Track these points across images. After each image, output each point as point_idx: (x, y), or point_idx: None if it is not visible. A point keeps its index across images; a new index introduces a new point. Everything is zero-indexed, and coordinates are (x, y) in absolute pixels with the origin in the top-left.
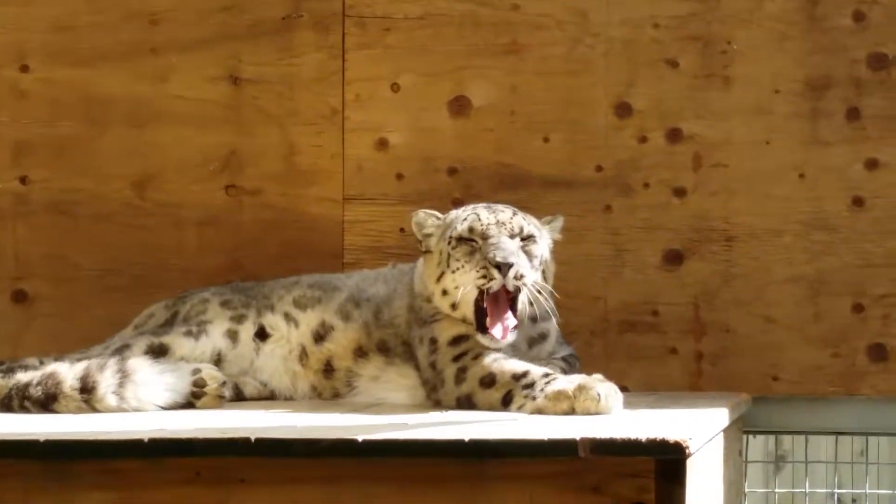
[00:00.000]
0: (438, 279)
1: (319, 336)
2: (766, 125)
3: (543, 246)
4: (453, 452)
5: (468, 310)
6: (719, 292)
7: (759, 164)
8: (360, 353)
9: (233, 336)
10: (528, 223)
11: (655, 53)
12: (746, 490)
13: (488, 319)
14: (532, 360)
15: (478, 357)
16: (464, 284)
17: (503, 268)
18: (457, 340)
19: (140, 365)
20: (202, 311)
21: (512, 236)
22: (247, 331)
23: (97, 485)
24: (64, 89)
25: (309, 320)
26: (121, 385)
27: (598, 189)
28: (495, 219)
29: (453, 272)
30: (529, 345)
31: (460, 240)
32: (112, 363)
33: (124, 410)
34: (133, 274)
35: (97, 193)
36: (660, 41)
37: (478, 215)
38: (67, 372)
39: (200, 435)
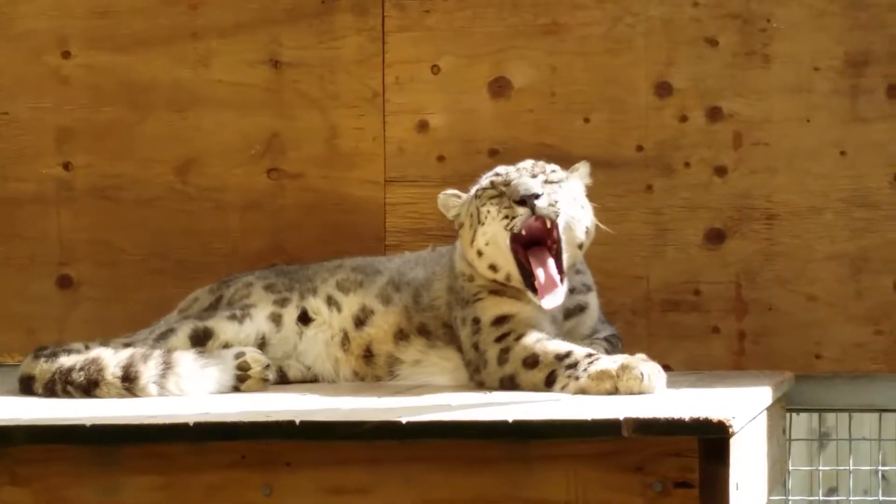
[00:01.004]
0: (472, 241)
1: (360, 321)
2: (807, 103)
3: (573, 188)
4: (497, 433)
5: (508, 265)
6: (761, 271)
7: (799, 142)
8: (401, 336)
9: (276, 320)
10: (553, 169)
11: (695, 32)
12: (790, 468)
13: (535, 272)
14: (569, 332)
15: (521, 337)
16: (496, 236)
17: (528, 200)
18: (500, 321)
19: (183, 357)
20: (246, 294)
21: (535, 176)
22: (290, 314)
23: (143, 469)
24: (105, 75)
25: (350, 305)
26: (163, 376)
27: (639, 169)
28: (514, 167)
29: (482, 224)
30: (566, 316)
31: (484, 191)
32: (156, 355)
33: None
34: (176, 258)
35: (140, 178)
36: (699, 20)
37: (496, 170)
38: (111, 359)
39: (245, 418)
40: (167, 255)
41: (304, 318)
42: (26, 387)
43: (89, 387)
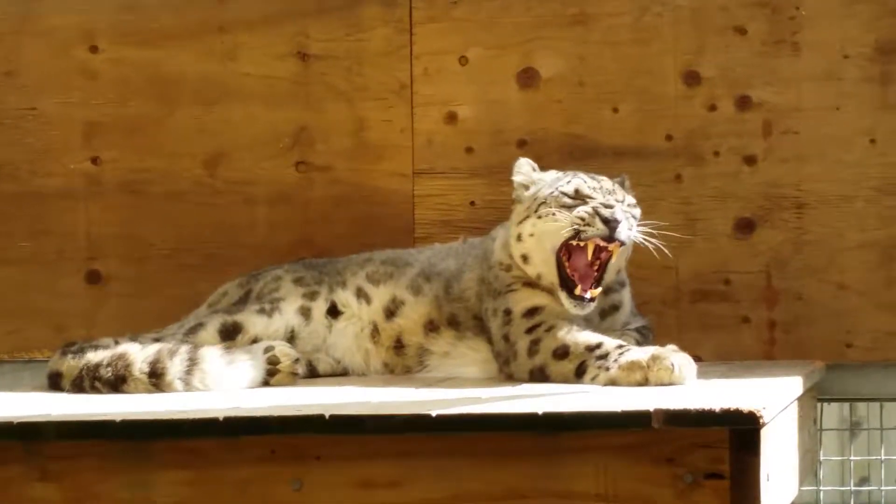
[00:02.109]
0: (520, 222)
1: (390, 312)
2: (836, 91)
3: (635, 215)
4: (527, 425)
5: (543, 267)
6: (791, 260)
7: (829, 130)
8: (431, 327)
9: (305, 313)
10: (623, 192)
11: (723, 21)
12: (822, 458)
13: (576, 277)
14: (604, 331)
15: (551, 329)
16: (544, 235)
17: (612, 223)
18: (531, 312)
19: (209, 354)
20: (275, 288)
21: (617, 202)
22: (319, 308)
23: (173, 464)
24: (133, 69)
25: (381, 296)
26: (188, 372)
27: (669, 158)
28: (599, 185)
29: (539, 218)
30: (602, 315)
31: (564, 195)
32: (182, 350)
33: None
34: (205, 252)
35: (168, 172)
36: (727, 8)
37: (584, 180)
38: (138, 354)
39: (275, 413)
40: (196, 249)
41: (334, 311)
42: (54, 383)
43: (117, 382)
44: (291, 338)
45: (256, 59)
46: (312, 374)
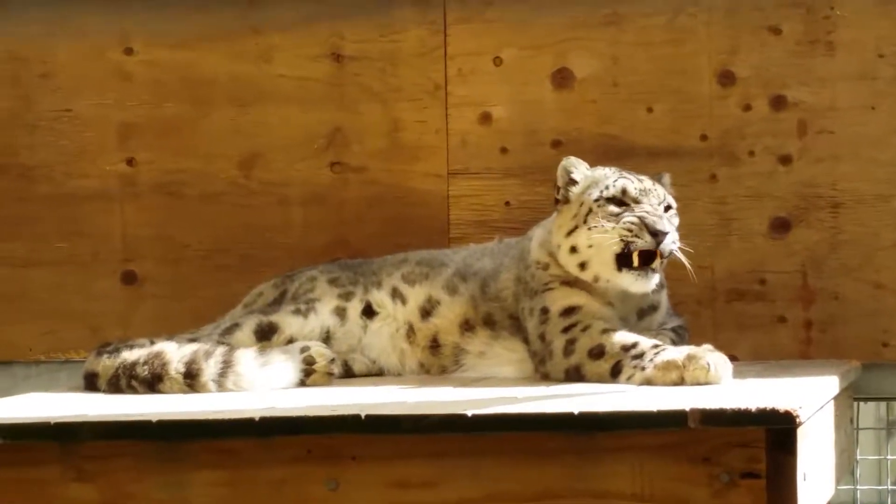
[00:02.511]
0: (569, 233)
1: (426, 312)
2: (871, 90)
3: (675, 211)
4: (562, 425)
5: (602, 268)
6: (827, 259)
7: (864, 130)
8: (467, 326)
9: (341, 313)
10: (666, 192)
11: (758, 20)
12: (858, 457)
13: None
14: (641, 331)
15: (587, 328)
16: (601, 244)
17: (659, 235)
18: (568, 311)
19: (244, 356)
20: (310, 289)
21: (658, 204)
22: (354, 308)
23: (208, 464)
24: (168, 71)
25: (416, 296)
26: (222, 374)
27: (703, 158)
28: (644, 186)
29: (590, 229)
30: (640, 316)
31: (610, 200)
32: (218, 353)
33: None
34: (240, 253)
35: (203, 173)
36: (762, 8)
37: (629, 179)
38: (174, 353)
39: (311, 413)
40: (231, 250)
41: (369, 312)
42: (90, 384)
43: (153, 381)
44: (327, 338)
45: (290, 60)
46: (348, 374)
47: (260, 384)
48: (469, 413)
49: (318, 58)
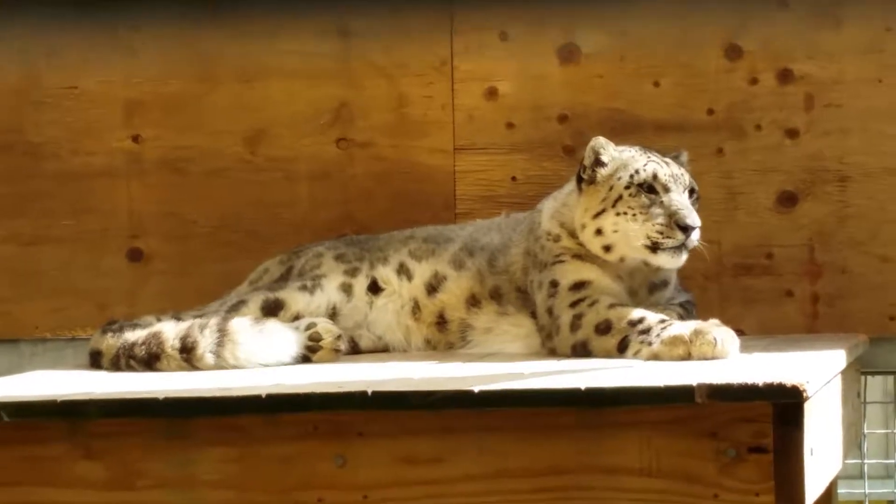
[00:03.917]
0: (597, 215)
1: (432, 287)
2: (879, 63)
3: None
4: (569, 401)
5: (629, 251)
6: (834, 233)
7: (871, 103)
8: (473, 301)
9: (347, 290)
10: (688, 174)
11: None
12: (866, 431)
13: None
14: (651, 306)
15: (594, 304)
16: (627, 232)
17: (689, 230)
18: (578, 286)
19: (240, 325)
20: (317, 265)
21: (685, 191)
22: (360, 284)
23: (216, 441)
24: (173, 47)
25: (422, 272)
26: (219, 344)
27: (710, 132)
28: (671, 170)
29: (618, 215)
30: (650, 291)
31: (641, 186)
32: (213, 323)
33: (224, 368)
34: (246, 229)
35: (209, 150)
36: None
37: (657, 163)
38: (171, 331)
39: (318, 389)
40: (237, 226)
41: (375, 288)
42: (94, 361)
43: (150, 360)
44: (333, 314)
45: (297, 36)
46: (354, 350)
47: (260, 354)
48: (476, 389)
49: (324, 33)
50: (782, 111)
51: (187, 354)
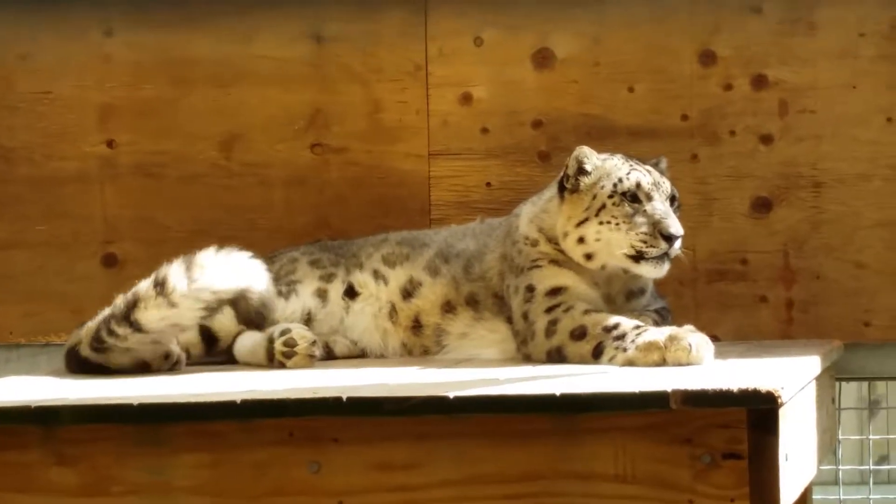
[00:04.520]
0: (580, 224)
1: (407, 293)
2: (853, 69)
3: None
4: (544, 407)
5: (610, 260)
6: (809, 239)
7: (845, 109)
8: (449, 308)
9: (322, 295)
10: (669, 181)
11: (739, 0)
12: (840, 437)
13: None
14: (627, 313)
15: (569, 309)
16: (611, 241)
17: (673, 239)
18: (554, 292)
19: (206, 254)
20: (291, 270)
21: (667, 199)
22: (336, 289)
23: (190, 447)
24: (148, 52)
25: (398, 277)
26: (188, 269)
27: (684, 138)
28: (653, 179)
29: (601, 224)
30: (627, 297)
31: (625, 195)
32: (180, 259)
33: (198, 297)
34: (221, 235)
35: (183, 155)
36: None
37: (640, 172)
38: (146, 281)
39: (292, 395)
40: (211, 231)
41: (351, 293)
42: (72, 357)
43: (129, 311)
44: (308, 320)
45: (271, 41)
46: (330, 356)
47: (228, 277)
48: (451, 395)
49: (298, 38)
50: (756, 117)
51: (161, 289)
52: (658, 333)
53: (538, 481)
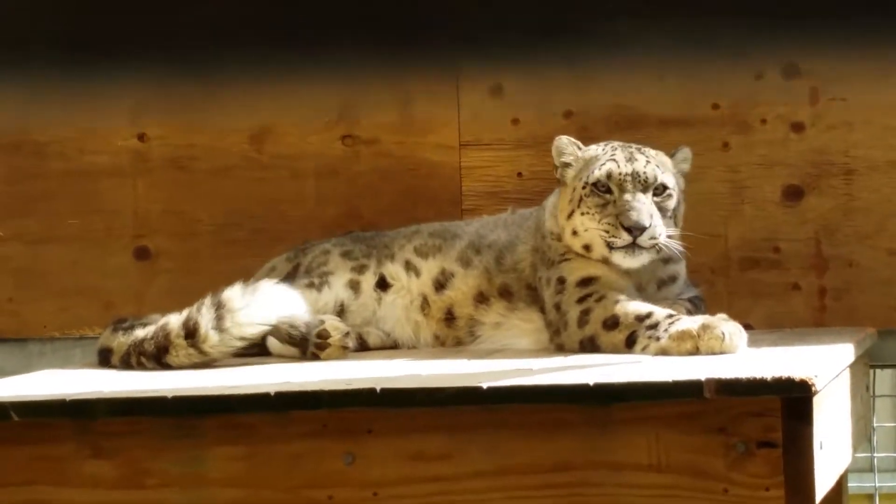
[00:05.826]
0: (569, 216)
1: (440, 284)
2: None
3: (676, 193)
4: (578, 397)
5: (602, 249)
6: (841, 226)
7: (877, 97)
8: (481, 298)
9: (355, 287)
10: (662, 171)
11: None
12: (875, 425)
13: None
14: (659, 302)
15: (601, 299)
16: (591, 232)
17: (633, 230)
18: (585, 282)
19: (233, 292)
20: (324, 262)
21: (646, 189)
22: (368, 281)
23: (224, 439)
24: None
25: (430, 269)
26: (218, 318)
27: (715, 127)
28: (631, 168)
29: (583, 215)
30: (659, 286)
31: (596, 185)
32: (207, 300)
33: (230, 345)
34: (252, 227)
35: (214, 148)
36: None
37: (616, 162)
38: (176, 321)
39: (326, 387)
40: (243, 224)
41: (383, 284)
42: (104, 359)
43: (159, 354)
44: (341, 311)
45: None
46: (363, 347)
47: (259, 313)
48: (484, 385)
49: None
50: (787, 105)
51: (192, 339)
52: (691, 322)
53: (571, 471)
